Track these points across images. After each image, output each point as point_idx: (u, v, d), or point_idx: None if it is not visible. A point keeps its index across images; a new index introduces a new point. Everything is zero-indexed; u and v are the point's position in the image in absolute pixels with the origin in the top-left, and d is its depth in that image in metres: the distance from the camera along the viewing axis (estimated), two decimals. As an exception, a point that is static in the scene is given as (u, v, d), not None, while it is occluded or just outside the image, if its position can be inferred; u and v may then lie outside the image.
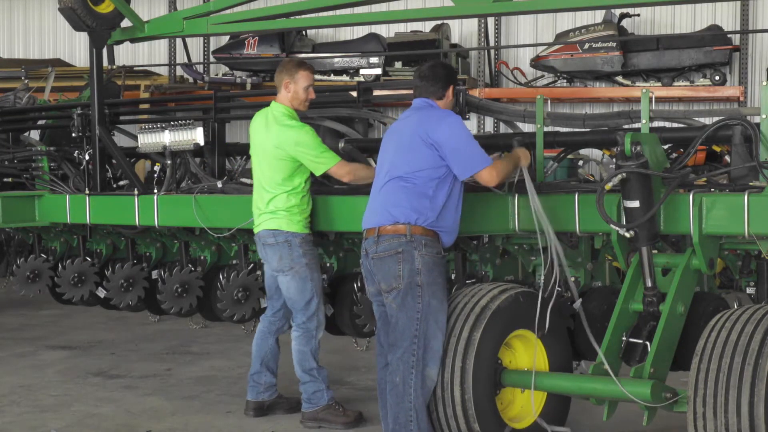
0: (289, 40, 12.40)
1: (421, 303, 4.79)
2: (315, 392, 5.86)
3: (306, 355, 5.87)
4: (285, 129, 5.74)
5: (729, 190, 4.95)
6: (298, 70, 5.87)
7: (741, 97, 11.38)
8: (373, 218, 4.95)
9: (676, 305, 4.83)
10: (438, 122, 4.86)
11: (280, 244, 5.76)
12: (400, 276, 4.79)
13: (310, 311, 5.85)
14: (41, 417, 6.17)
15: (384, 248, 4.83)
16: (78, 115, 7.33)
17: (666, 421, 5.25)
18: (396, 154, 4.94)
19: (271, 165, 5.76)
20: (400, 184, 4.86)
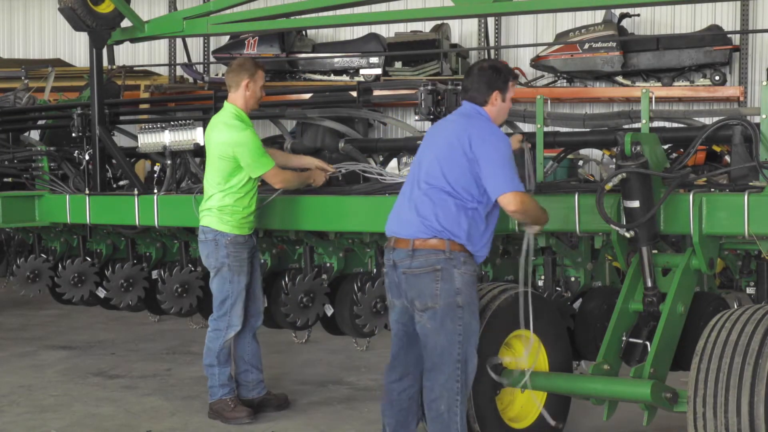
0: (289, 40, 12.41)
1: (462, 325, 4.48)
2: (211, 386, 6.04)
3: (210, 351, 6.00)
4: (229, 129, 5.82)
5: (729, 190, 4.95)
6: (257, 69, 5.96)
7: (741, 97, 11.39)
8: (405, 228, 4.57)
9: (676, 305, 4.83)
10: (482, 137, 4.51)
11: (209, 242, 5.88)
12: (437, 295, 4.45)
13: (222, 310, 5.94)
14: (41, 417, 6.17)
15: (420, 264, 4.48)
16: (78, 115, 7.33)
17: (666, 421, 5.24)
18: (434, 160, 4.57)
19: (213, 163, 5.87)
20: (437, 195, 4.50)
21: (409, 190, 4.64)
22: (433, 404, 4.54)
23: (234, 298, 5.91)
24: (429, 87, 5.85)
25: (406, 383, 4.76)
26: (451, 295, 4.46)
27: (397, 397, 4.78)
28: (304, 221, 6.08)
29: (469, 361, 4.54)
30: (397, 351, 4.77)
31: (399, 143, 6.94)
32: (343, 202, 5.92)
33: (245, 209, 5.86)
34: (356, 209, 5.88)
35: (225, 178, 5.81)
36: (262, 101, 6.25)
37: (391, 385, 4.79)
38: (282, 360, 7.71)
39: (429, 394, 4.55)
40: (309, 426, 5.90)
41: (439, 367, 4.50)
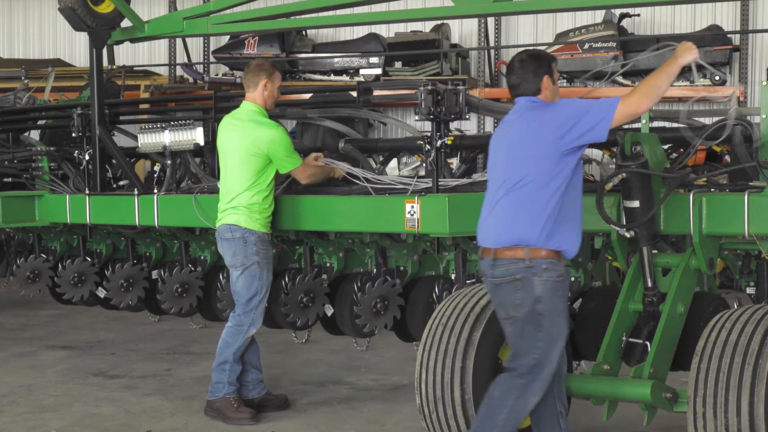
0: (289, 40, 12.41)
1: (542, 332, 4.38)
2: (217, 383, 5.99)
3: (228, 347, 5.96)
4: (261, 126, 5.91)
5: (729, 190, 4.95)
6: (274, 71, 6.06)
7: (741, 97, 11.38)
8: (489, 237, 4.49)
9: (676, 305, 4.83)
10: (552, 112, 4.40)
11: (236, 240, 5.88)
12: (518, 305, 4.38)
13: (250, 306, 5.94)
14: (41, 417, 6.17)
15: (501, 274, 4.41)
16: (78, 115, 7.33)
17: (666, 421, 5.24)
18: (508, 164, 4.46)
19: (243, 161, 5.88)
20: (514, 199, 4.40)
21: (493, 199, 4.54)
22: (491, 388, 4.53)
23: (262, 294, 5.95)
24: (429, 87, 5.84)
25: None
26: (531, 304, 4.37)
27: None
28: (304, 221, 6.08)
29: (546, 366, 4.43)
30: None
31: (399, 143, 6.94)
32: (343, 202, 5.92)
33: (270, 207, 5.96)
34: (356, 209, 5.88)
35: (256, 175, 5.86)
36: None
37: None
38: (282, 360, 7.71)
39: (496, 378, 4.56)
40: (309, 426, 5.91)
41: (512, 364, 4.49)
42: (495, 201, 4.51)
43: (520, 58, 4.62)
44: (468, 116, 6.08)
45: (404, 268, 6.44)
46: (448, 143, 5.88)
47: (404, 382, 6.88)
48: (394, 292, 6.31)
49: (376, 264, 6.45)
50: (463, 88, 5.96)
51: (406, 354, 7.60)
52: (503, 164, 4.52)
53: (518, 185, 4.40)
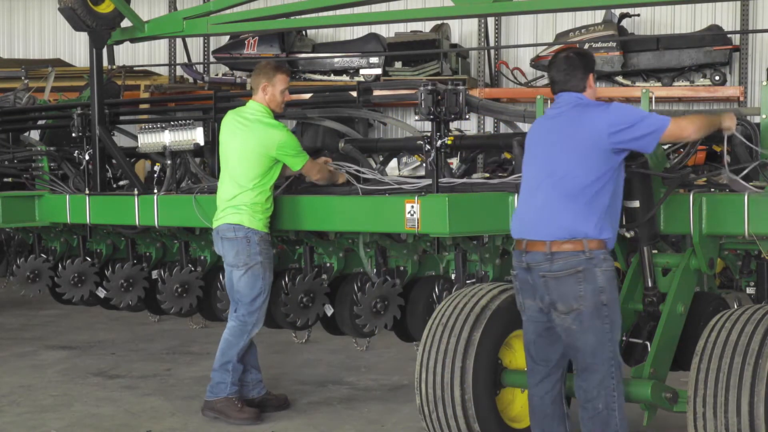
0: (289, 40, 12.41)
1: (609, 323, 4.40)
2: (219, 383, 5.94)
3: (232, 346, 5.92)
4: (269, 128, 5.87)
5: (729, 190, 4.95)
6: (276, 73, 5.96)
7: (741, 97, 11.38)
8: (540, 230, 4.45)
9: (676, 305, 4.83)
10: (607, 110, 4.46)
11: (239, 239, 5.84)
12: (581, 296, 4.37)
13: (254, 306, 5.91)
14: (41, 417, 6.17)
15: (561, 267, 4.38)
16: (78, 115, 7.33)
17: (666, 421, 5.25)
18: (554, 157, 4.48)
19: (249, 161, 5.85)
20: (565, 192, 4.41)
21: (531, 191, 4.55)
22: (589, 404, 4.46)
23: (265, 294, 5.93)
24: (429, 87, 5.85)
25: (548, 385, 4.65)
26: (595, 295, 4.38)
27: (539, 402, 4.67)
28: (304, 221, 6.08)
29: (618, 355, 4.49)
30: (537, 351, 4.65)
31: (399, 143, 6.94)
32: (343, 202, 5.92)
33: (271, 207, 5.96)
34: (356, 209, 5.88)
35: (261, 175, 5.84)
36: None
37: (534, 390, 4.68)
38: (282, 360, 7.71)
39: (584, 394, 4.48)
40: (309, 426, 5.91)
41: (593, 367, 4.44)
42: (540, 194, 4.50)
43: (566, 55, 4.66)
44: (468, 116, 6.08)
45: (404, 268, 6.44)
46: (448, 143, 5.88)
47: (404, 382, 6.88)
48: (394, 292, 6.31)
49: (376, 264, 6.45)
50: (463, 88, 5.96)
51: (406, 354, 7.61)
52: (547, 157, 4.52)
53: (567, 178, 4.42)
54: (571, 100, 4.59)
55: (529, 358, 4.71)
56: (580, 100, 4.59)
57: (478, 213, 5.46)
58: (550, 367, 4.66)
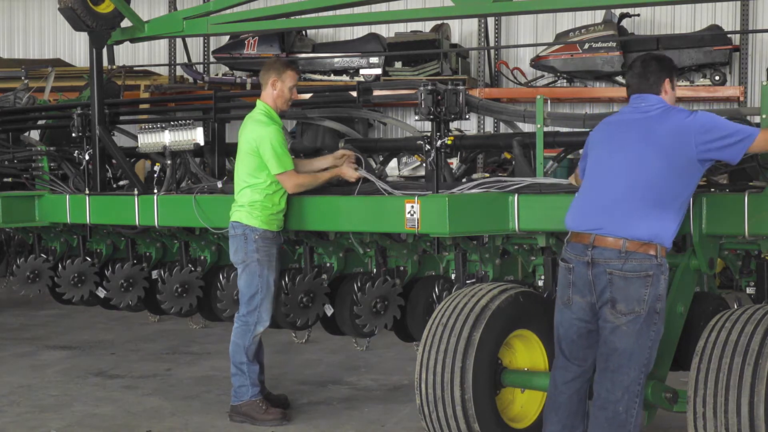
0: (289, 40, 12.41)
1: (655, 331, 4.42)
2: (240, 386, 5.92)
3: (239, 348, 5.91)
4: (256, 124, 5.92)
5: (729, 190, 4.95)
6: (286, 69, 6.01)
7: (741, 97, 11.38)
8: (615, 227, 4.40)
9: (676, 305, 4.83)
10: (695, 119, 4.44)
11: (238, 236, 5.90)
12: (644, 300, 4.35)
13: (252, 305, 5.91)
14: (41, 417, 6.17)
15: (633, 267, 4.35)
16: (78, 115, 7.32)
17: (666, 421, 5.25)
18: (634, 158, 4.44)
19: (242, 159, 5.94)
20: (647, 195, 4.38)
21: (605, 187, 4.50)
22: (610, 405, 4.43)
23: (264, 292, 5.91)
24: (429, 87, 5.84)
25: (579, 383, 4.64)
26: (655, 301, 4.39)
27: (567, 400, 4.64)
28: (304, 221, 6.08)
29: (651, 363, 4.48)
30: (575, 350, 4.61)
31: (399, 143, 6.93)
32: (343, 202, 5.92)
33: (275, 206, 5.93)
34: (356, 209, 5.87)
35: (252, 173, 5.88)
36: None
37: (563, 387, 4.65)
38: (282, 360, 7.72)
39: (608, 395, 4.44)
40: (309, 426, 5.91)
41: (624, 370, 4.41)
42: (616, 191, 4.44)
43: (643, 59, 4.70)
44: (468, 116, 6.08)
45: (404, 268, 6.44)
46: (448, 143, 5.88)
47: (404, 382, 6.88)
48: (394, 292, 6.31)
49: (376, 264, 6.44)
50: (463, 88, 5.96)
51: (406, 354, 7.61)
52: (627, 156, 4.46)
53: (650, 182, 4.38)
54: (651, 101, 4.59)
55: (562, 355, 4.65)
56: (660, 102, 4.59)
57: (478, 213, 5.46)
58: (584, 368, 4.63)
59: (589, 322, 4.52)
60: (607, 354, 4.44)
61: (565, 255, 4.57)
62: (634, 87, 4.65)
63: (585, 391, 4.68)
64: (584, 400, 4.69)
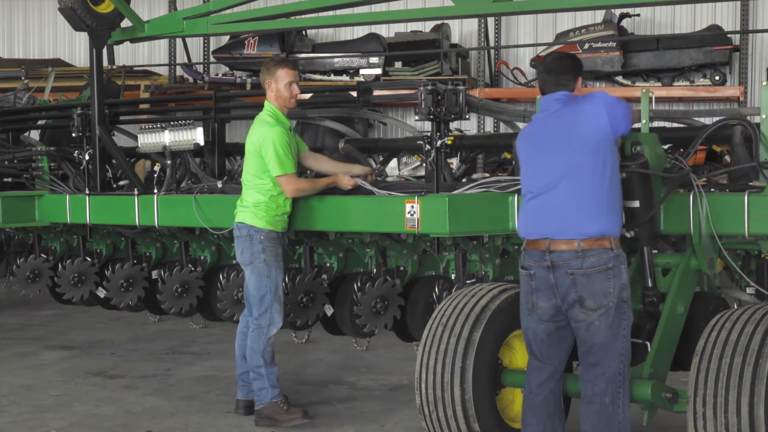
0: (289, 40, 12.40)
1: (626, 319, 4.52)
2: (260, 390, 5.89)
3: (254, 352, 5.87)
4: (261, 125, 5.88)
5: (729, 190, 4.95)
6: (277, 68, 5.95)
7: (741, 97, 11.37)
8: (567, 229, 4.48)
9: (676, 305, 4.83)
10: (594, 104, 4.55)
11: (243, 237, 5.85)
12: (610, 293, 4.44)
13: (263, 308, 5.85)
14: (41, 417, 6.17)
15: (592, 264, 4.43)
16: (78, 115, 7.33)
17: (666, 421, 5.25)
18: (565, 156, 4.51)
19: (248, 160, 5.92)
20: (584, 191, 4.46)
21: (547, 191, 4.56)
22: (596, 398, 4.51)
23: (273, 293, 5.86)
24: (429, 87, 5.85)
25: (552, 383, 4.71)
26: (621, 291, 4.48)
27: (543, 402, 4.70)
28: (304, 221, 6.08)
29: (629, 351, 4.57)
30: (545, 349, 4.67)
31: (399, 143, 6.94)
32: (343, 202, 5.92)
33: (279, 208, 5.88)
34: (356, 209, 5.87)
35: (257, 174, 5.84)
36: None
37: (538, 388, 4.71)
38: (282, 360, 7.69)
39: (592, 388, 4.53)
40: (309, 426, 5.90)
41: (605, 362, 4.50)
42: (559, 193, 4.51)
43: (557, 56, 4.79)
44: (468, 116, 6.08)
45: (404, 268, 6.44)
46: (448, 143, 5.88)
47: (404, 382, 6.88)
48: (394, 292, 6.31)
49: (376, 264, 6.44)
50: (463, 88, 5.96)
51: (406, 354, 7.61)
52: (559, 157, 4.53)
53: (586, 178, 4.47)
54: (559, 98, 4.66)
55: (534, 357, 4.71)
56: (565, 96, 4.66)
57: (478, 213, 5.46)
58: (555, 366, 4.69)
59: (557, 321, 4.61)
60: (587, 351, 4.54)
61: (524, 263, 4.65)
62: (551, 84, 4.69)
63: (559, 391, 4.74)
64: (560, 401, 4.75)
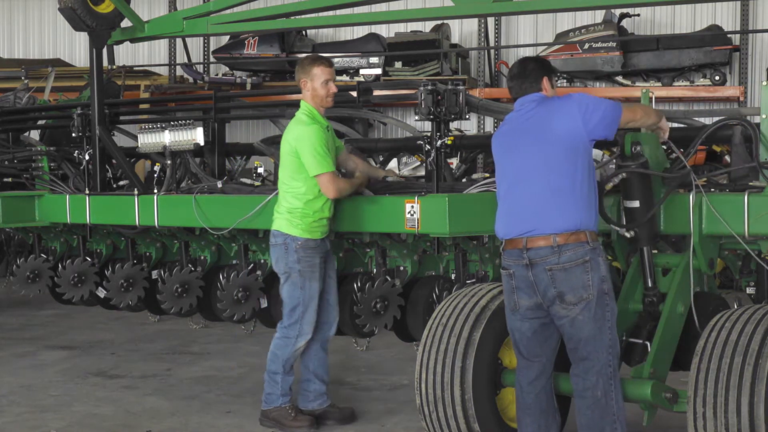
0: (289, 40, 12.42)
1: (609, 311, 4.52)
2: (269, 393, 5.79)
3: (276, 358, 5.74)
4: (295, 124, 5.69)
5: (729, 190, 4.95)
6: (313, 66, 5.73)
7: (741, 97, 11.39)
8: (541, 225, 4.50)
9: (676, 305, 4.83)
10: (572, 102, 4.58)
11: (279, 246, 5.68)
12: (590, 286, 4.46)
13: (293, 317, 5.69)
14: (41, 417, 6.17)
15: (568, 258, 4.45)
16: (78, 115, 7.33)
17: (666, 421, 5.25)
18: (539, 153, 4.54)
19: (283, 161, 5.70)
20: (559, 185, 4.49)
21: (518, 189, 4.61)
22: (588, 392, 4.53)
23: (305, 305, 5.66)
24: (429, 87, 5.85)
25: (542, 381, 4.71)
26: (600, 283, 4.49)
27: (535, 400, 4.71)
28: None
29: (616, 343, 4.57)
30: (531, 347, 4.68)
31: (399, 143, 6.94)
32: (344, 203, 5.91)
33: (316, 213, 5.64)
34: (356, 209, 5.87)
35: (292, 175, 5.62)
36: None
37: (528, 387, 4.71)
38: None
39: (583, 383, 4.54)
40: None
41: (593, 355, 4.51)
42: (530, 190, 4.56)
43: (521, 61, 4.84)
44: (468, 116, 6.08)
45: (404, 268, 6.44)
46: (448, 143, 5.88)
47: (404, 382, 6.88)
48: (394, 292, 6.31)
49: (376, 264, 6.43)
50: (463, 88, 5.96)
51: (406, 354, 7.61)
52: (530, 155, 4.57)
53: (558, 172, 4.50)
54: (531, 99, 4.72)
55: (521, 356, 4.72)
56: (539, 96, 4.72)
57: (478, 213, 5.46)
58: (543, 363, 4.71)
59: (540, 318, 4.62)
60: (574, 347, 4.55)
61: (504, 263, 4.67)
62: (516, 89, 4.77)
63: (551, 389, 4.74)
64: (552, 398, 4.76)
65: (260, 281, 6.66)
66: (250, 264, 6.77)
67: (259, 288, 6.66)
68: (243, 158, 7.68)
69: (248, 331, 7.76)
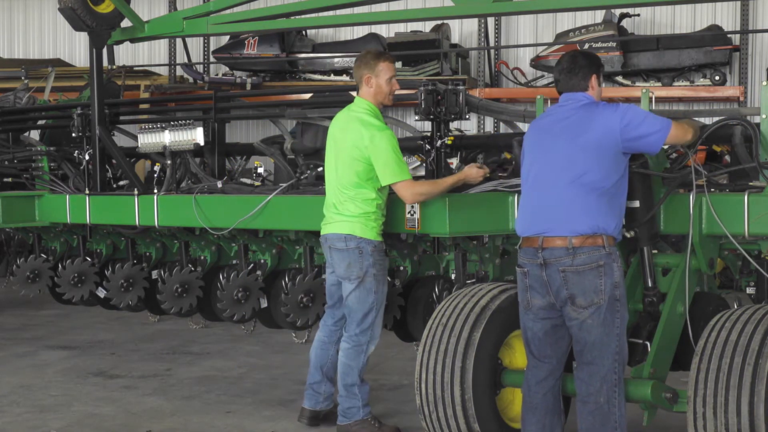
0: (289, 40, 12.42)
1: (619, 318, 4.49)
2: (350, 408, 5.58)
3: (351, 370, 5.54)
4: (365, 127, 5.38)
5: (729, 190, 4.95)
6: (378, 61, 5.50)
7: (741, 97, 11.39)
8: (559, 226, 4.49)
9: (676, 305, 4.83)
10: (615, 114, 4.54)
11: (351, 251, 5.41)
12: (601, 290, 4.44)
13: (365, 324, 5.52)
14: (41, 417, 6.17)
15: (583, 261, 4.43)
16: (78, 115, 7.33)
17: (666, 421, 5.25)
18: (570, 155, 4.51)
19: (347, 164, 5.42)
20: (587, 190, 4.46)
21: (544, 189, 4.58)
22: (591, 397, 4.51)
23: (378, 309, 5.52)
24: (429, 87, 5.85)
25: (551, 381, 4.70)
26: (613, 289, 4.47)
27: (542, 400, 4.70)
28: (304, 221, 6.08)
29: (623, 351, 4.55)
30: (542, 347, 4.67)
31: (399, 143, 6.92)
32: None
33: (383, 216, 5.51)
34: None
35: (360, 181, 5.37)
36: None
37: (536, 387, 4.70)
38: (282, 360, 7.71)
39: (586, 388, 4.52)
40: (309, 427, 5.89)
41: (598, 360, 4.49)
42: (556, 191, 4.53)
43: (571, 55, 4.79)
44: (468, 116, 6.08)
45: (404, 268, 6.44)
46: (448, 143, 5.88)
47: (404, 382, 6.88)
48: (393, 292, 6.31)
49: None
50: (463, 88, 5.96)
51: (406, 354, 7.61)
52: (560, 155, 4.55)
53: (587, 176, 4.48)
54: (578, 98, 4.68)
55: (532, 356, 4.71)
56: (586, 99, 4.68)
57: (478, 213, 5.46)
58: (553, 364, 4.69)
59: (553, 318, 4.61)
60: (581, 350, 4.54)
61: (520, 260, 4.67)
62: (563, 83, 4.73)
63: (558, 390, 4.73)
64: (559, 399, 4.74)
65: (260, 281, 6.66)
66: (250, 264, 6.77)
67: (259, 288, 6.66)
68: (243, 158, 7.68)
69: (248, 331, 7.77)
